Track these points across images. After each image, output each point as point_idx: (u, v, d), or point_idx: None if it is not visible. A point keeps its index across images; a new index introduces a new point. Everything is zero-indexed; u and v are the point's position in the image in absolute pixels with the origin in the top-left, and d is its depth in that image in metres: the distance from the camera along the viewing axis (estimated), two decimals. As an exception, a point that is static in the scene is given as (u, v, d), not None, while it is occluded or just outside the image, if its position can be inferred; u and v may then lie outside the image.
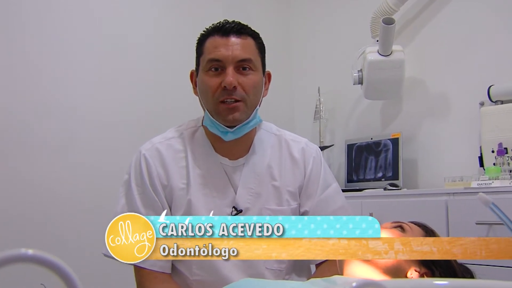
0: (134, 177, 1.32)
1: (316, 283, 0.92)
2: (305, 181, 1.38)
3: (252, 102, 1.30)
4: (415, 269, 1.01)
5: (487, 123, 2.29)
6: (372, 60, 2.60)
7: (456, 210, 2.04)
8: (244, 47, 1.29)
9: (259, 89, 1.32)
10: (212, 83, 1.28)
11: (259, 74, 1.32)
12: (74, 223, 2.27)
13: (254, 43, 1.32)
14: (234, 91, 1.26)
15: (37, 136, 2.22)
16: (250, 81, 1.29)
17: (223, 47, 1.28)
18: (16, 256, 0.33)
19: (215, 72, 1.28)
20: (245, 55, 1.28)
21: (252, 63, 1.29)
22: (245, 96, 1.28)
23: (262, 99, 1.36)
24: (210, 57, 1.28)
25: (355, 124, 3.10)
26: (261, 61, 1.34)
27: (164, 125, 1.51)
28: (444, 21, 2.69)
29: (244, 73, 1.28)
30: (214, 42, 1.29)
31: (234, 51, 1.27)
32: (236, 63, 1.27)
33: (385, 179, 2.69)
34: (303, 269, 1.44)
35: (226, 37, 1.29)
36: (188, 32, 2.82)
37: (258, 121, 1.34)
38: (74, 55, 2.38)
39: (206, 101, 1.30)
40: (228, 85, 1.25)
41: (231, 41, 1.28)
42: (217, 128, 1.30)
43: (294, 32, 3.44)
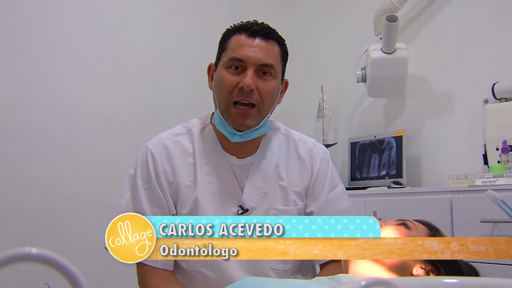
0: (140, 172, 1.32)
1: (321, 281, 0.92)
2: (311, 182, 1.38)
3: (266, 109, 1.29)
4: (420, 266, 1.00)
5: (491, 121, 2.28)
6: (375, 58, 2.59)
7: (460, 208, 2.03)
8: (268, 52, 1.28)
9: (275, 96, 1.31)
10: (229, 81, 1.26)
11: (277, 81, 1.31)
12: (76, 220, 2.27)
13: (279, 50, 1.31)
14: (251, 94, 1.25)
15: (38, 133, 2.22)
16: (268, 87, 1.27)
17: (247, 48, 1.26)
18: (20, 255, 0.33)
19: (235, 70, 1.27)
20: (268, 60, 1.27)
21: (273, 70, 1.28)
22: (260, 101, 1.27)
23: (275, 106, 1.35)
24: (233, 55, 1.27)
25: (358, 122, 3.09)
26: (282, 68, 1.33)
27: (165, 123, 1.51)
28: (447, 18, 2.68)
29: (263, 78, 1.27)
30: (239, 40, 1.28)
31: (258, 53, 1.26)
32: (258, 66, 1.26)
33: (388, 177, 2.68)
34: (308, 269, 1.43)
35: (252, 38, 1.27)
36: (190, 30, 2.83)
37: (267, 129, 1.34)
38: (75, 52, 2.37)
39: (220, 98, 1.29)
40: (245, 87, 1.24)
41: (256, 43, 1.27)
42: (225, 129, 1.29)
43: (297, 29, 3.44)
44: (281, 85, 1.35)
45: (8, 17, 2.19)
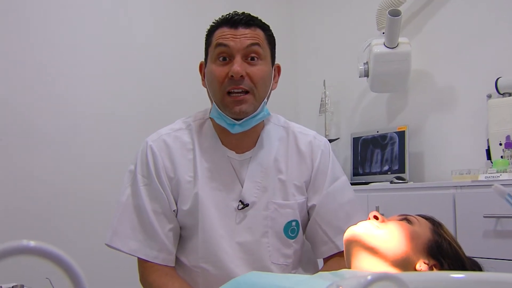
0: (140, 168, 1.31)
1: (324, 276, 0.91)
2: (312, 174, 1.37)
3: (260, 94, 1.28)
4: (423, 261, 1.00)
5: (494, 116, 2.27)
6: (378, 53, 2.58)
7: (463, 203, 2.03)
8: (252, 36, 1.27)
9: (267, 80, 1.30)
10: (219, 73, 1.25)
11: (267, 65, 1.30)
12: (77, 216, 2.27)
13: (264, 34, 1.30)
14: (242, 81, 1.24)
15: (39, 130, 2.22)
16: (259, 71, 1.26)
17: (231, 37, 1.25)
18: (17, 248, 0.32)
19: (222, 61, 1.26)
20: (253, 41, 1.26)
21: (260, 52, 1.27)
22: (253, 86, 1.25)
23: (271, 92, 1.34)
24: (217, 41, 1.26)
25: (361, 117, 3.08)
26: (270, 53, 1.32)
27: (166, 120, 1.50)
28: (450, 13, 2.66)
29: (252, 63, 1.26)
30: (222, 32, 1.27)
31: (242, 39, 1.25)
32: (244, 50, 1.25)
33: (391, 173, 2.67)
34: (309, 263, 1.43)
35: (234, 28, 1.26)
36: (192, 27, 2.83)
37: (266, 115, 1.32)
38: (77, 50, 2.37)
39: (214, 92, 1.28)
40: (235, 74, 1.23)
41: (240, 31, 1.26)
42: (224, 121, 1.28)
43: (299, 24, 3.42)
44: (272, 69, 1.33)
45: (9, 16, 2.18)
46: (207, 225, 1.28)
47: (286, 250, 1.33)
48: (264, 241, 1.30)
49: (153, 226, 1.28)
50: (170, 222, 1.30)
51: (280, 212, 1.32)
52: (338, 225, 1.33)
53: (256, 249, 1.30)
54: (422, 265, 0.99)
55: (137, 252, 1.28)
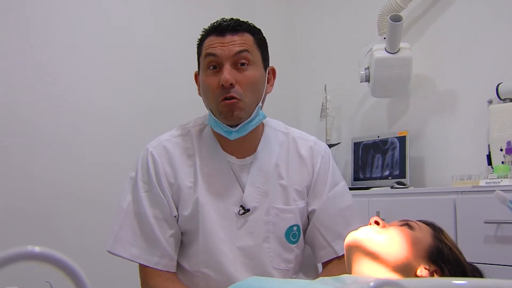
0: (141, 175, 1.32)
1: (325, 282, 0.91)
2: (313, 180, 1.37)
3: (251, 100, 1.27)
4: (424, 267, 0.99)
5: (495, 121, 2.27)
6: (379, 58, 2.58)
7: (464, 209, 2.03)
8: (240, 42, 1.26)
9: (259, 85, 1.29)
10: (211, 82, 1.26)
11: (258, 69, 1.29)
12: (78, 219, 2.26)
13: (252, 39, 1.30)
14: (232, 89, 1.23)
15: (39, 130, 2.22)
16: (247, 78, 1.25)
17: (219, 45, 1.26)
18: (23, 254, 0.32)
19: (213, 70, 1.26)
20: (241, 47, 1.25)
21: (249, 57, 1.26)
22: (242, 94, 1.25)
23: (266, 95, 1.33)
24: (206, 51, 1.27)
25: (361, 122, 3.08)
26: (261, 56, 1.31)
27: (166, 121, 1.51)
28: (452, 18, 2.67)
29: (241, 69, 1.26)
30: (210, 41, 1.27)
31: (230, 47, 1.25)
32: (233, 57, 1.24)
33: (392, 178, 2.67)
34: (310, 268, 1.43)
35: (221, 36, 1.26)
36: (192, 27, 2.80)
37: (262, 118, 1.31)
38: (77, 50, 2.37)
39: (208, 101, 1.29)
40: (224, 83, 1.22)
41: (227, 39, 1.26)
42: (221, 128, 1.28)
43: (300, 29, 3.43)
44: (265, 73, 1.33)
45: (9, 16, 2.19)
46: (207, 230, 1.28)
47: (288, 255, 1.33)
48: (265, 246, 1.30)
49: (154, 232, 1.28)
50: (171, 228, 1.30)
51: (281, 217, 1.32)
52: (337, 230, 1.34)
53: (257, 254, 1.30)
54: (423, 271, 0.99)
55: (138, 259, 1.28)
